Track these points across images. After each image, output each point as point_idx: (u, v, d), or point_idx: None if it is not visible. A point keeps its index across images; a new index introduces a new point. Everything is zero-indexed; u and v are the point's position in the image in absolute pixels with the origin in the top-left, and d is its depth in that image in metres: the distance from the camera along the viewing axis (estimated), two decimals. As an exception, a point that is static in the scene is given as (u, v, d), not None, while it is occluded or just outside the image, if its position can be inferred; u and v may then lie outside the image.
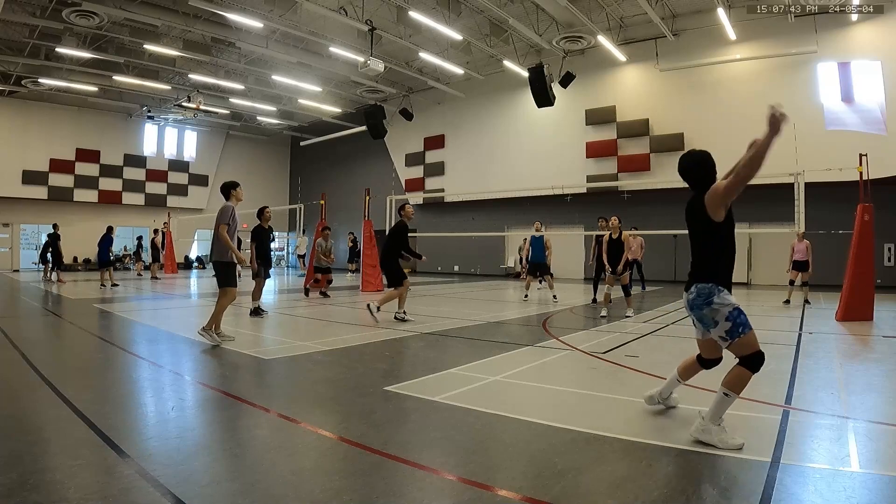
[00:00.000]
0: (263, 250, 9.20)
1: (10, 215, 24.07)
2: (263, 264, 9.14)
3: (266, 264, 9.25)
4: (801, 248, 11.12)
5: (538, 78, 16.97)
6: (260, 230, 9.16)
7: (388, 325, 7.56)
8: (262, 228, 9.17)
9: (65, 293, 12.72)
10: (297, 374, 4.82)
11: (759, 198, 15.88)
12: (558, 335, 6.79)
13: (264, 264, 9.17)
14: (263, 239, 9.22)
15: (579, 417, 3.49)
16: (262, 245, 9.19)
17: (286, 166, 34.13)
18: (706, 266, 3.07)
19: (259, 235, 9.14)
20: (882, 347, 6.26)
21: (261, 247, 9.12)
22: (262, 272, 9.02)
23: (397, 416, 3.51)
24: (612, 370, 4.86)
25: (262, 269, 9.06)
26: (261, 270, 9.00)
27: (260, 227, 9.14)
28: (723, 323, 2.93)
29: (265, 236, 9.29)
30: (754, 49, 16.42)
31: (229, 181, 6.50)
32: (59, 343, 6.64)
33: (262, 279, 9.03)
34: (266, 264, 9.25)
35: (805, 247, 11.07)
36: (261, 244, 9.13)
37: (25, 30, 17.27)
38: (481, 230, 21.98)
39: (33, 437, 3.03)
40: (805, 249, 11.07)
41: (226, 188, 6.37)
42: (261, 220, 9.16)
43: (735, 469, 2.60)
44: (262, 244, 9.16)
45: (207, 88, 22.91)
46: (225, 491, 2.35)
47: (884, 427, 3.24)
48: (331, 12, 15.24)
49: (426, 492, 2.43)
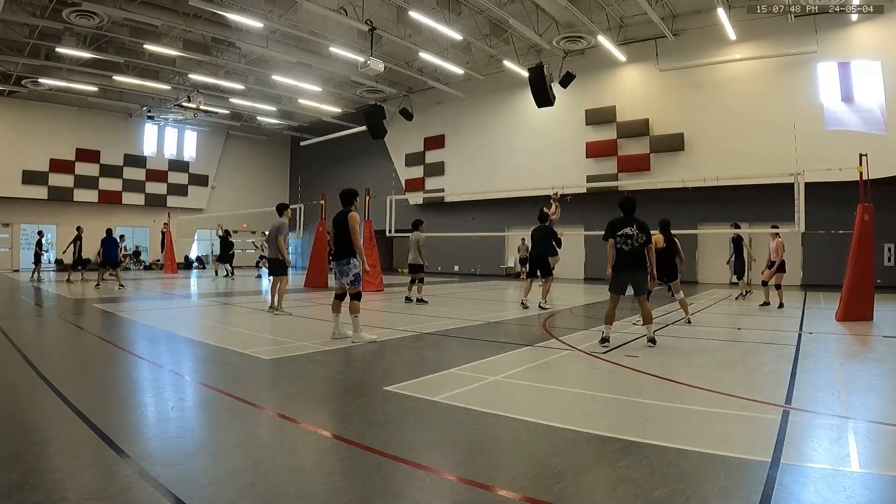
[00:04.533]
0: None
1: (10, 215, 24.08)
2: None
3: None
4: (772, 246, 10.30)
5: (538, 78, 16.97)
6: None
7: (389, 326, 7.56)
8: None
9: (65, 293, 12.72)
10: (297, 374, 4.82)
11: (759, 198, 15.96)
12: (558, 335, 6.79)
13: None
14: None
15: (579, 417, 3.48)
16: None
17: (286, 166, 34.14)
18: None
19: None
20: (882, 347, 6.26)
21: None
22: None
23: (397, 416, 3.51)
24: (612, 370, 4.86)
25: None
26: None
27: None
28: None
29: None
30: (754, 49, 16.42)
31: (282, 203, 9.31)
32: (59, 343, 6.63)
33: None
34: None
35: (775, 245, 10.21)
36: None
37: (25, 30, 17.27)
38: (481, 230, 21.98)
39: (33, 437, 3.03)
40: (776, 248, 10.22)
41: (281, 208, 9.10)
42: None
43: (735, 469, 2.60)
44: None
45: (207, 88, 22.91)
46: (225, 491, 2.35)
47: (884, 427, 3.24)
48: (331, 12, 15.24)
49: (426, 492, 2.43)
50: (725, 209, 16.20)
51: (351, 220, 6.03)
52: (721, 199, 16.49)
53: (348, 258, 6.03)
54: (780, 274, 10.35)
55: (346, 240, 6.06)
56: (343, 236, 6.09)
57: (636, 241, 5.83)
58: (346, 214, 6.07)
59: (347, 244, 6.05)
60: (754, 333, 7.15)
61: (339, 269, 6.11)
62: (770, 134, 15.80)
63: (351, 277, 6.03)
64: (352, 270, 6.00)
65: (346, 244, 6.06)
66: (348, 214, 6.07)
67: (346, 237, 6.06)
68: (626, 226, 5.89)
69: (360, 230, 6.36)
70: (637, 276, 5.92)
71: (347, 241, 6.05)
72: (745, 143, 16.16)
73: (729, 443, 2.96)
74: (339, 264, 6.10)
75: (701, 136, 17.55)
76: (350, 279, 6.03)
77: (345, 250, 6.06)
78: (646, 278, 6.03)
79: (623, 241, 5.87)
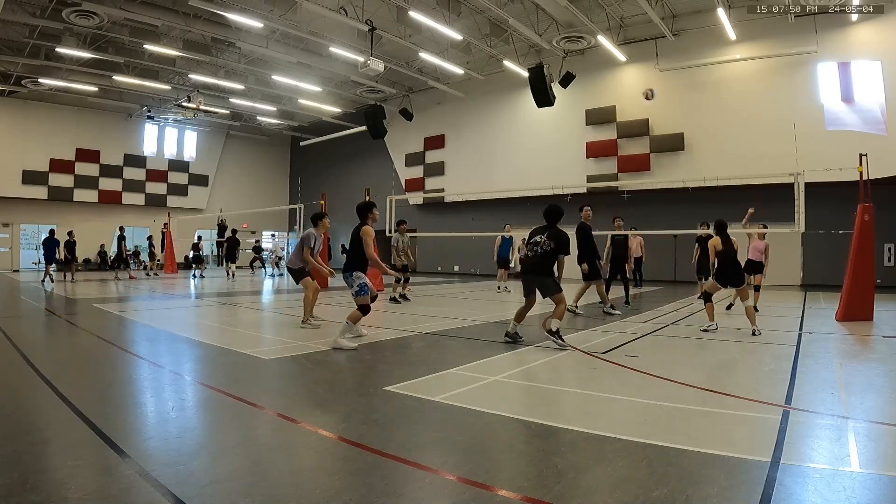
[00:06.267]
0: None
1: (10, 215, 24.06)
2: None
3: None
4: (760, 246, 9.79)
5: (538, 78, 16.96)
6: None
7: (388, 325, 7.56)
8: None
9: (69, 293, 12.72)
10: (297, 374, 4.82)
11: (759, 198, 15.91)
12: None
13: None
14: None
15: (579, 417, 3.49)
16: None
17: (286, 166, 34.12)
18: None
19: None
20: (882, 347, 6.26)
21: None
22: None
23: (397, 416, 3.51)
24: (612, 370, 4.86)
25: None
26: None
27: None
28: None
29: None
30: (754, 49, 16.41)
31: (317, 213, 8.01)
32: (59, 343, 6.64)
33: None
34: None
35: (763, 246, 9.75)
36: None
37: (25, 30, 17.26)
38: (481, 230, 21.96)
39: (33, 437, 3.03)
40: (763, 249, 9.74)
41: (314, 218, 7.80)
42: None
43: (735, 469, 2.60)
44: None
45: (207, 88, 22.91)
46: (225, 491, 2.35)
47: (884, 427, 3.24)
48: (331, 12, 15.23)
49: (426, 492, 2.43)
50: (725, 209, 16.11)
51: (363, 234, 6.16)
52: (721, 199, 16.44)
53: (352, 270, 6.14)
54: (759, 276, 9.93)
55: (354, 252, 6.20)
56: (352, 249, 6.24)
57: (541, 247, 6.06)
58: (360, 228, 6.23)
59: (355, 257, 6.17)
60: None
61: (345, 281, 6.22)
62: (770, 134, 15.80)
63: (356, 288, 6.10)
64: (356, 281, 6.09)
65: (353, 256, 6.19)
66: (361, 228, 6.21)
67: (354, 250, 6.20)
68: (538, 233, 6.20)
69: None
70: (538, 279, 6.14)
71: (355, 253, 6.18)
72: (745, 143, 16.16)
73: (729, 443, 2.96)
74: (345, 276, 6.21)
75: (701, 136, 17.54)
76: (354, 290, 6.10)
77: (351, 262, 6.19)
78: (548, 283, 6.10)
79: (531, 247, 6.15)
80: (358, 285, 6.08)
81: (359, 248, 6.15)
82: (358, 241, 6.17)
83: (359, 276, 6.11)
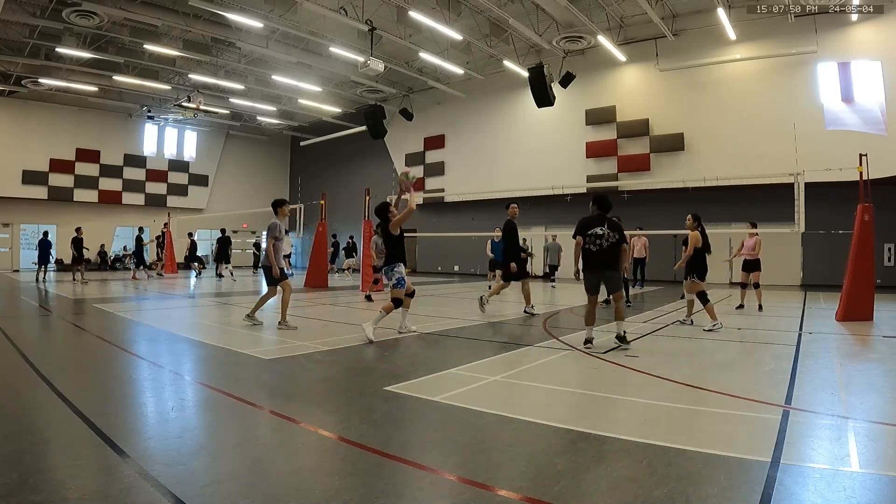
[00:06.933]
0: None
1: (10, 215, 24.05)
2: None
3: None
4: (750, 244, 9.80)
5: (538, 78, 16.96)
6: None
7: (389, 326, 7.56)
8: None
9: (70, 293, 12.72)
10: (297, 374, 4.82)
11: (759, 198, 15.94)
12: (558, 335, 6.79)
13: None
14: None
15: (579, 417, 3.49)
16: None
17: (286, 166, 34.12)
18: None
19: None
20: (882, 347, 6.26)
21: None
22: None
23: (397, 416, 3.51)
24: (612, 370, 4.86)
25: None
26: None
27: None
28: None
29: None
30: (754, 49, 16.41)
31: (277, 199, 7.69)
32: (59, 343, 6.64)
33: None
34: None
35: (753, 243, 9.75)
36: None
37: (25, 30, 17.26)
38: (481, 230, 21.95)
39: (33, 437, 3.03)
40: (754, 245, 9.78)
41: (274, 205, 7.56)
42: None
43: (735, 469, 2.60)
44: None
45: (207, 88, 22.90)
46: (225, 491, 2.35)
47: (884, 427, 3.24)
48: (331, 12, 15.23)
49: (426, 492, 2.43)
50: (725, 209, 16.20)
51: (391, 228, 6.64)
52: (721, 199, 16.47)
53: (391, 264, 6.61)
54: (756, 272, 10.07)
55: (392, 249, 6.68)
56: (388, 244, 6.73)
57: (606, 240, 5.82)
58: (386, 226, 6.66)
59: (393, 252, 6.66)
60: (754, 333, 7.15)
61: (384, 274, 6.78)
62: (770, 134, 15.79)
63: (393, 281, 6.58)
64: (395, 276, 6.56)
65: (391, 253, 6.67)
66: (389, 225, 6.63)
67: (390, 246, 6.69)
68: (596, 225, 5.91)
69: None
70: (607, 274, 5.90)
71: (393, 249, 6.67)
72: (745, 143, 16.16)
73: (729, 443, 2.96)
74: (385, 270, 6.73)
75: (701, 136, 17.54)
76: (392, 283, 6.58)
77: (390, 257, 6.68)
78: (616, 277, 5.96)
79: (592, 240, 5.88)
80: (396, 279, 6.55)
81: (392, 244, 6.65)
82: (390, 236, 6.62)
83: (398, 271, 6.57)
